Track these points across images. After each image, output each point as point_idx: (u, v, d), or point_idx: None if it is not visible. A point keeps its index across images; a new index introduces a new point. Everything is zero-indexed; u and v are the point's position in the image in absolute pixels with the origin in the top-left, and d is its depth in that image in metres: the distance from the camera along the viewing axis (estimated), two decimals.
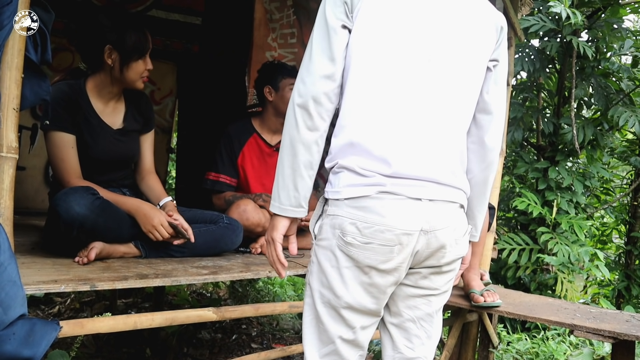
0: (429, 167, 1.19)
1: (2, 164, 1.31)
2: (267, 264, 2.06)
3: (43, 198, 3.01)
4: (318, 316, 1.25)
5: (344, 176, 1.19)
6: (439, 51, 1.19)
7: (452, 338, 2.36)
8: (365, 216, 1.15)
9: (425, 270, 1.26)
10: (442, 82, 1.20)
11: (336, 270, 1.20)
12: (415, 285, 1.28)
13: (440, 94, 1.20)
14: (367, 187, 1.16)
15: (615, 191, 4.68)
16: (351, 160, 1.18)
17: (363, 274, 1.19)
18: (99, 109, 2.02)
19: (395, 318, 1.31)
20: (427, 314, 1.31)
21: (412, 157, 1.17)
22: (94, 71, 2.01)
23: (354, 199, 1.16)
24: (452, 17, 1.21)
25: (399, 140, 1.17)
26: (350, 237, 1.16)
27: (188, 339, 3.09)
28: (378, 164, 1.16)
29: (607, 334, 1.81)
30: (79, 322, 1.48)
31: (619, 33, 3.55)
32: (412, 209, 1.16)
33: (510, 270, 3.59)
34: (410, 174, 1.17)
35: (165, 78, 3.86)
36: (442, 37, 1.19)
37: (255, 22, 3.30)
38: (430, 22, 1.19)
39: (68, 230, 1.69)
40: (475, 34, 1.24)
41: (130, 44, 1.91)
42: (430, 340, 1.34)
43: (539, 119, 4.00)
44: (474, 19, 1.24)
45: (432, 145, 1.20)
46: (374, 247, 1.16)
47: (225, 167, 2.56)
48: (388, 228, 1.15)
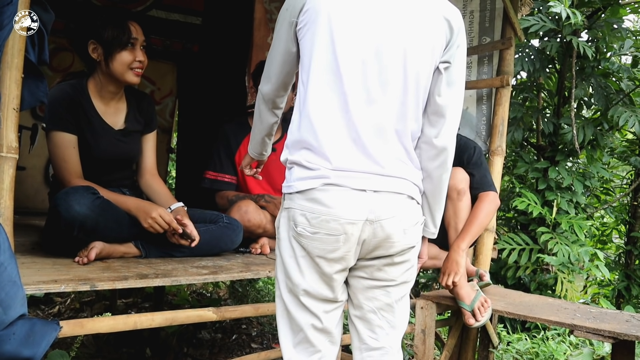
0: (371, 162, 1.24)
1: (2, 164, 1.31)
2: (267, 263, 2.07)
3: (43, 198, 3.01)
4: (285, 306, 1.32)
5: (294, 171, 1.27)
6: (384, 49, 1.23)
7: (452, 338, 2.36)
8: (313, 207, 1.22)
9: (378, 262, 1.31)
10: (386, 81, 1.24)
11: (293, 260, 1.28)
12: (371, 277, 1.33)
13: (383, 93, 1.24)
14: (314, 179, 1.23)
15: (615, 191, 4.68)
16: (299, 155, 1.26)
17: (314, 263, 1.26)
18: (101, 109, 2.02)
19: (358, 310, 1.37)
20: (386, 304, 1.35)
21: (352, 153, 1.23)
22: (92, 71, 2.01)
23: (304, 191, 1.23)
24: (399, 16, 1.24)
25: (338, 137, 1.23)
26: (301, 227, 1.24)
27: (188, 339, 3.09)
28: (321, 160, 1.23)
29: (607, 334, 1.81)
30: (79, 322, 1.48)
31: (619, 33, 3.55)
32: (356, 199, 1.22)
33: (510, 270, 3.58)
34: (351, 167, 1.23)
35: (165, 78, 3.86)
36: (388, 35, 1.23)
37: (255, 22, 3.30)
38: (377, 21, 1.23)
39: (68, 230, 1.69)
40: (423, 33, 1.25)
41: (108, 36, 1.91)
42: (395, 330, 1.38)
43: (539, 119, 3.99)
44: (423, 19, 1.25)
45: (374, 141, 1.24)
46: (321, 237, 1.23)
47: (223, 166, 2.56)
48: (333, 217, 1.21)
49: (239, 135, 2.60)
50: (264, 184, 2.62)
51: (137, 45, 1.97)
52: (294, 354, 1.33)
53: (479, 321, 2.02)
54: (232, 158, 2.58)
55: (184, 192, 3.85)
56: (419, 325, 2.15)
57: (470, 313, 2.03)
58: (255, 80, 2.63)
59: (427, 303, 2.16)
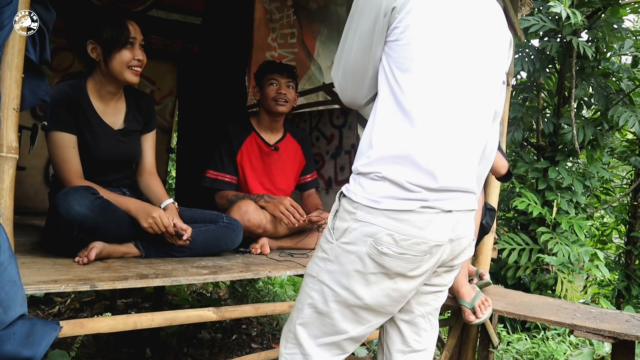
0: (463, 177, 1.23)
1: (2, 164, 1.31)
2: (267, 263, 2.07)
3: (43, 198, 3.01)
4: (328, 312, 1.24)
5: (385, 186, 1.17)
6: (476, 64, 1.23)
7: (452, 338, 2.36)
8: (405, 229, 1.16)
9: (440, 270, 1.31)
10: (476, 95, 1.24)
11: (361, 275, 1.20)
12: (428, 283, 1.32)
13: (474, 106, 1.24)
14: (412, 201, 1.16)
15: (615, 191, 4.68)
16: (396, 172, 1.16)
17: (389, 280, 1.21)
18: (100, 109, 2.02)
19: (407, 315, 1.36)
20: (435, 308, 1.39)
21: (454, 169, 1.20)
22: (90, 71, 2.01)
23: (395, 211, 1.15)
24: (484, 32, 1.25)
25: (445, 153, 1.18)
26: (386, 247, 1.16)
27: (188, 339, 3.09)
28: (425, 178, 1.16)
29: (607, 334, 1.81)
30: (79, 322, 1.48)
31: (619, 33, 3.55)
32: (445, 221, 1.20)
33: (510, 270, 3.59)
34: (451, 185, 1.19)
35: (165, 78, 3.86)
36: (478, 51, 1.23)
37: (255, 22, 3.30)
38: (469, 35, 1.21)
39: (68, 230, 1.69)
40: (499, 48, 1.29)
41: (107, 35, 1.91)
42: (434, 331, 1.42)
43: (539, 119, 4.00)
44: (498, 34, 1.29)
45: (468, 156, 1.24)
46: (408, 257, 1.18)
47: (224, 165, 2.56)
48: (424, 241, 1.17)
49: (241, 135, 2.60)
50: (265, 184, 2.62)
51: (136, 44, 1.97)
52: (318, 351, 1.29)
53: (479, 318, 2.02)
54: (234, 158, 2.58)
55: (184, 192, 3.86)
56: None
57: (470, 310, 2.04)
58: (258, 80, 2.63)
59: None
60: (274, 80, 2.53)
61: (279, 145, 2.65)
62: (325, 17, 3.32)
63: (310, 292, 1.28)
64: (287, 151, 2.67)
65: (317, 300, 1.26)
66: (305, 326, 1.29)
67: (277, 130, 2.66)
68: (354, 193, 1.20)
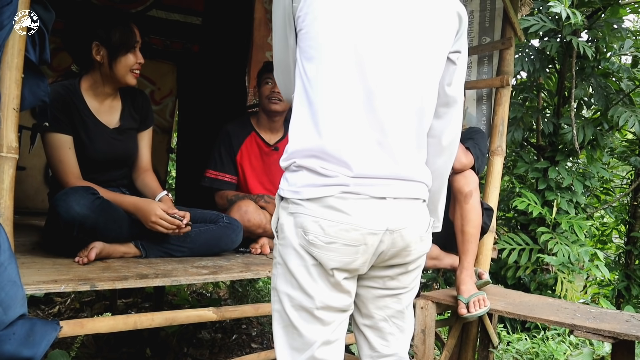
0: (393, 165, 1.16)
1: (2, 164, 1.31)
2: (267, 263, 2.07)
3: (43, 198, 3.01)
4: (290, 322, 1.19)
5: (303, 175, 1.15)
6: (397, 43, 1.15)
7: (452, 338, 2.36)
8: (330, 214, 1.12)
9: (392, 271, 1.25)
10: (402, 78, 1.16)
11: (304, 269, 1.16)
12: (383, 287, 1.27)
13: (401, 90, 1.16)
14: (330, 187, 1.12)
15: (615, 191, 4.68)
16: (310, 161, 1.14)
17: (329, 275, 1.16)
18: (95, 108, 2.01)
19: (368, 320, 1.31)
20: (398, 311, 1.31)
21: (373, 157, 1.14)
22: (86, 71, 2.00)
23: (317, 198, 1.12)
24: (413, 6, 1.17)
25: (358, 142, 1.13)
26: (313, 235, 1.12)
27: (188, 339, 3.09)
28: (339, 167, 1.13)
29: (607, 334, 1.81)
30: (79, 322, 1.48)
31: (619, 33, 3.55)
32: (377, 208, 1.14)
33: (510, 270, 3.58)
34: (373, 173, 1.14)
35: (165, 78, 3.86)
36: (399, 28, 1.15)
37: (255, 22, 3.30)
38: (386, 11, 1.14)
39: (68, 230, 1.69)
40: (435, 24, 1.19)
41: (116, 39, 1.91)
42: (404, 334, 1.34)
43: (539, 119, 3.99)
44: (435, 9, 1.20)
45: (395, 142, 1.16)
46: (338, 247, 1.13)
47: (224, 165, 2.57)
48: (354, 227, 1.12)
49: (241, 135, 2.60)
50: (265, 184, 2.63)
51: (138, 47, 1.98)
52: None
53: (470, 313, 2.03)
54: (234, 158, 2.58)
55: (184, 192, 3.85)
56: (419, 325, 2.15)
57: (464, 304, 2.05)
58: (258, 80, 2.63)
59: (427, 303, 2.16)
60: (269, 79, 2.54)
61: (278, 145, 2.65)
62: None
63: (274, 307, 1.24)
64: None
65: (280, 312, 1.22)
66: (280, 350, 1.23)
67: (277, 130, 2.66)
68: (282, 189, 1.20)
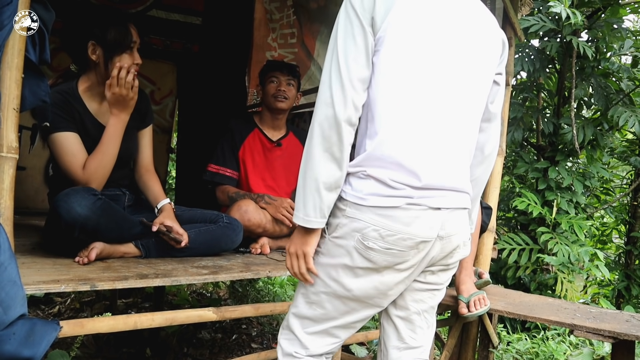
0: (451, 177, 1.26)
1: (2, 164, 1.31)
2: (267, 263, 2.07)
3: (43, 198, 3.01)
4: (319, 302, 1.32)
5: (370, 184, 1.22)
6: (458, 65, 1.25)
7: (452, 338, 2.36)
8: (390, 225, 1.20)
9: (434, 268, 1.35)
10: (460, 95, 1.27)
11: (349, 268, 1.26)
12: (424, 281, 1.36)
13: (458, 107, 1.27)
14: (396, 198, 1.20)
15: (615, 191, 4.68)
16: (380, 172, 1.21)
17: (376, 273, 1.26)
18: (94, 109, 2.00)
19: (402, 311, 1.39)
20: (430, 306, 1.42)
21: (438, 168, 1.24)
22: (84, 71, 1.99)
23: (381, 207, 1.20)
24: (467, 33, 1.27)
25: (427, 153, 1.22)
26: (372, 242, 1.21)
27: (188, 339, 3.09)
28: (408, 177, 1.21)
29: (607, 334, 1.81)
30: (79, 322, 1.48)
31: (619, 33, 3.55)
32: (432, 218, 1.23)
33: (510, 270, 3.59)
34: (436, 184, 1.23)
35: (165, 78, 3.86)
36: (460, 52, 1.25)
37: (255, 22, 3.30)
38: (450, 37, 1.24)
39: (69, 231, 1.69)
40: (486, 49, 1.32)
41: (112, 38, 1.89)
42: (430, 329, 1.46)
43: (539, 119, 4.00)
44: (485, 35, 1.32)
45: (453, 155, 1.27)
46: (394, 252, 1.22)
47: (225, 160, 2.57)
48: (410, 237, 1.21)
49: (244, 130, 2.62)
50: (267, 180, 2.63)
51: (135, 47, 1.96)
52: (309, 339, 1.35)
53: (471, 312, 2.03)
54: (236, 153, 2.59)
55: (184, 192, 3.85)
56: None
57: (464, 304, 2.05)
58: (261, 79, 2.64)
59: None
60: (274, 77, 2.57)
61: (282, 141, 2.66)
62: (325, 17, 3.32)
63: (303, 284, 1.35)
64: (289, 149, 2.68)
65: (309, 291, 1.33)
66: (297, 316, 1.36)
67: (280, 127, 2.68)
68: (344, 191, 1.25)
